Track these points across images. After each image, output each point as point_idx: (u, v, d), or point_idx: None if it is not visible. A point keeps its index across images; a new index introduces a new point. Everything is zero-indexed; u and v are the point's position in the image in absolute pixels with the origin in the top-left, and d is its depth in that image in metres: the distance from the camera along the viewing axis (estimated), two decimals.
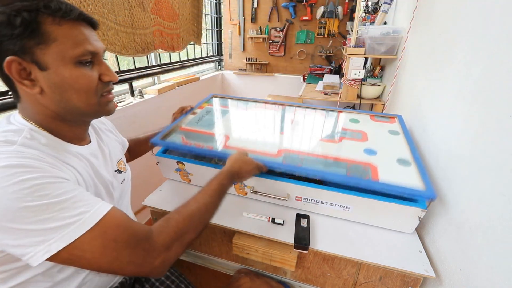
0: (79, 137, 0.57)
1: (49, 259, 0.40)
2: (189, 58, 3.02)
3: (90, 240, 0.41)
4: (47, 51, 0.44)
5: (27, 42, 0.42)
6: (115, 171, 0.68)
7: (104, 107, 0.54)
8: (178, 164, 0.94)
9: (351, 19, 2.82)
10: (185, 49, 2.62)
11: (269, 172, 0.85)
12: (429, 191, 0.73)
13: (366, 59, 2.04)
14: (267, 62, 3.35)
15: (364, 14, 2.23)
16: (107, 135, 0.74)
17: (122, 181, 0.71)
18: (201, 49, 3.30)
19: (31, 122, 0.49)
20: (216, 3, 3.36)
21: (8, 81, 0.46)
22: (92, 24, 0.52)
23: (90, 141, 0.61)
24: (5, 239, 0.39)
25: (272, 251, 0.77)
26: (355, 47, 1.75)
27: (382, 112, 1.77)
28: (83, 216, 0.42)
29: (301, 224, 0.81)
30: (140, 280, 0.76)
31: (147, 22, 1.78)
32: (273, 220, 0.83)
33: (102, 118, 0.77)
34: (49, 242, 0.39)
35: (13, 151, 0.42)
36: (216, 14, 3.43)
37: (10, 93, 0.48)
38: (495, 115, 0.62)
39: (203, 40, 2.86)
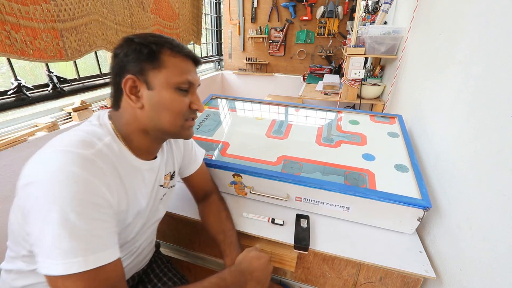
0: (149, 151, 0.61)
1: (45, 275, 0.42)
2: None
3: (76, 281, 0.42)
4: (157, 75, 0.53)
5: (145, 65, 0.52)
6: (160, 185, 0.68)
7: (185, 131, 0.60)
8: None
9: (351, 18, 2.82)
10: None
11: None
12: (425, 200, 0.73)
13: (366, 59, 2.04)
14: (267, 62, 3.35)
15: (364, 14, 2.23)
16: (178, 146, 0.75)
17: (163, 196, 0.70)
18: (200, 49, 3.29)
19: (115, 130, 0.55)
20: (216, 3, 3.36)
21: (117, 92, 0.55)
22: (196, 61, 0.60)
23: (156, 157, 0.64)
24: (31, 229, 0.43)
25: (272, 252, 0.77)
26: (355, 47, 1.74)
27: (382, 112, 1.77)
28: (89, 255, 0.43)
29: (301, 224, 0.81)
30: (143, 281, 0.77)
31: (146, 22, 1.78)
32: (273, 221, 0.82)
33: None
34: (50, 261, 0.41)
35: (88, 158, 0.46)
36: (216, 14, 3.43)
37: (109, 102, 0.56)
38: (495, 114, 0.62)
39: (203, 40, 2.86)
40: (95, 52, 1.70)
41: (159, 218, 0.73)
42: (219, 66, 3.69)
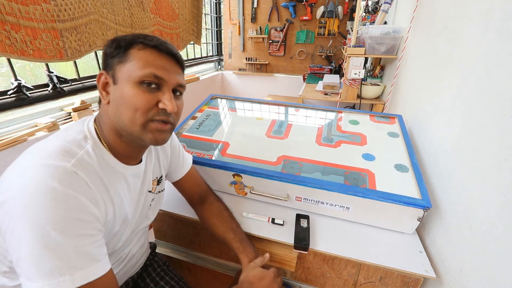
0: (130, 156, 0.58)
1: None
2: (189, 58, 3.02)
3: None
4: (122, 69, 0.50)
5: (113, 60, 0.51)
6: (149, 191, 0.66)
7: (149, 133, 0.52)
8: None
9: (351, 18, 2.81)
10: (185, 49, 2.62)
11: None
12: (425, 200, 0.73)
13: (366, 59, 2.04)
14: (267, 62, 3.35)
15: (364, 14, 2.23)
16: (164, 150, 0.72)
17: (152, 201, 0.68)
18: (200, 49, 3.30)
19: (99, 132, 0.53)
20: (216, 3, 3.36)
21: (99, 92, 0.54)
22: (174, 57, 0.54)
23: (141, 161, 0.62)
24: (15, 251, 0.41)
25: (272, 252, 0.77)
26: (355, 47, 1.74)
27: (382, 112, 1.77)
28: (76, 272, 0.41)
29: (301, 224, 0.81)
30: (138, 286, 0.76)
31: (146, 22, 1.78)
32: (273, 221, 0.82)
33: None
34: (34, 284, 0.39)
35: (68, 171, 0.44)
36: (216, 14, 3.43)
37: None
38: (495, 114, 0.62)
39: (203, 40, 2.86)
40: (95, 52, 1.70)
41: (148, 224, 0.72)
42: (219, 66, 3.69)
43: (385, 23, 1.96)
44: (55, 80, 1.45)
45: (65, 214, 0.41)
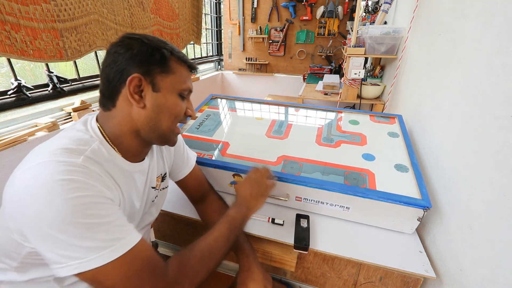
0: (138, 154, 0.61)
1: (75, 275, 0.43)
2: (188, 58, 3.02)
3: (114, 269, 0.44)
4: (165, 79, 0.55)
5: (155, 68, 0.53)
6: (152, 187, 0.68)
7: (174, 136, 0.62)
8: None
9: (351, 18, 2.82)
10: (185, 49, 2.62)
11: None
12: (425, 200, 0.73)
13: (366, 59, 2.04)
14: (267, 62, 3.35)
15: (364, 14, 2.23)
16: (168, 148, 0.74)
17: (155, 198, 0.70)
18: (200, 49, 3.30)
19: (104, 133, 0.54)
20: (216, 3, 3.36)
21: (112, 90, 0.54)
22: (194, 70, 0.63)
23: (144, 159, 0.64)
24: (44, 245, 0.42)
25: (272, 252, 0.77)
26: (355, 47, 1.74)
27: (382, 112, 1.77)
28: (117, 242, 0.45)
29: (301, 224, 0.81)
30: None
31: (146, 22, 1.78)
32: (273, 221, 0.82)
33: None
34: (82, 260, 0.42)
35: (78, 164, 0.46)
36: (216, 14, 3.43)
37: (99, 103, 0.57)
38: (495, 114, 0.62)
39: (203, 40, 2.86)
40: (95, 52, 1.70)
41: (151, 220, 0.72)
42: (219, 66, 3.69)
43: (385, 23, 1.96)
44: (55, 80, 1.45)
45: (87, 200, 0.43)
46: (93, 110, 1.58)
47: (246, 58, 3.38)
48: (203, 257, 0.55)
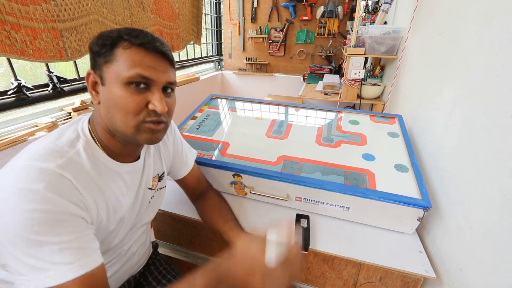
0: (124, 154, 0.57)
1: None
2: (188, 58, 3.02)
3: None
4: (109, 69, 0.49)
5: (100, 59, 0.50)
6: (149, 188, 0.66)
7: (142, 134, 0.52)
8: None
9: (351, 18, 2.82)
10: (185, 49, 2.62)
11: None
12: (425, 200, 0.73)
13: (366, 59, 2.04)
14: (267, 62, 3.35)
15: (364, 14, 2.23)
16: (166, 148, 0.72)
17: (151, 198, 0.68)
18: (200, 49, 3.30)
19: (92, 132, 0.53)
20: (216, 3, 3.36)
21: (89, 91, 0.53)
22: (167, 57, 0.53)
23: (139, 159, 0.61)
24: (3, 256, 0.41)
25: None
26: (355, 47, 1.74)
27: (382, 112, 1.77)
28: (64, 267, 0.41)
29: (301, 224, 0.81)
30: (140, 284, 0.76)
31: (146, 22, 1.78)
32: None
33: (174, 129, 0.76)
34: (24, 278, 0.40)
35: (50, 172, 0.43)
36: (216, 14, 3.43)
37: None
38: (495, 114, 0.62)
39: (203, 40, 2.86)
40: None
41: (148, 220, 0.71)
42: (219, 66, 3.69)
43: (385, 23, 1.96)
44: (55, 80, 1.45)
45: (44, 215, 0.40)
46: (92, 110, 1.57)
47: (246, 58, 3.38)
48: None
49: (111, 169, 0.54)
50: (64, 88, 1.50)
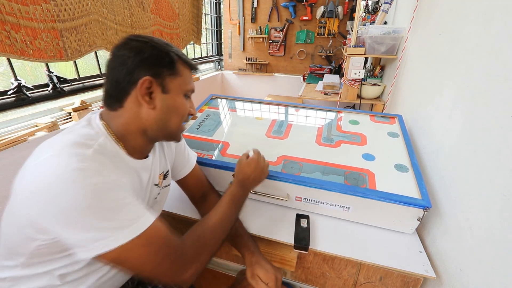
0: (142, 151, 0.63)
1: (99, 256, 0.45)
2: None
3: (138, 246, 0.47)
4: (173, 81, 0.58)
5: (164, 71, 0.56)
6: (155, 185, 0.69)
7: (180, 133, 0.65)
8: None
9: (351, 18, 2.81)
10: (185, 49, 2.62)
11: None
12: (425, 199, 0.73)
13: (366, 59, 2.04)
14: (267, 62, 3.35)
15: (364, 14, 2.23)
16: (169, 147, 0.76)
17: (157, 195, 0.71)
18: (200, 49, 3.30)
19: (109, 130, 0.56)
20: (216, 3, 3.36)
21: (121, 91, 0.55)
22: (195, 70, 0.66)
23: (148, 156, 0.65)
24: (67, 230, 0.44)
25: (272, 252, 0.77)
26: (355, 47, 1.74)
27: (382, 112, 1.77)
28: (138, 221, 0.48)
29: (301, 224, 0.81)
30: (143, 282, 0.75)
31: (146, 22, 1.78)
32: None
33: None
34: (107, 240, 0.44)
35: (90, 155, 0.47)
36: (216, 14, 3.43)
37: (105, 101, 0.58)
38: (495, 114, 0.62)
39: (203, 40, 2.86)
40: (95, 52, 1.70)
41: None
42: (219, 66, 3.69)
43: (385, 23, 1.96)
44: (55, 80, 1.44)
45: (103, 186, 0.45)
46: (92, 110, 1.57)
47: (246, 58, 3.38)
48: (216, 229, 0.62)
49: (127, 164, 0.58)
50: (64, 88, 1.50)
